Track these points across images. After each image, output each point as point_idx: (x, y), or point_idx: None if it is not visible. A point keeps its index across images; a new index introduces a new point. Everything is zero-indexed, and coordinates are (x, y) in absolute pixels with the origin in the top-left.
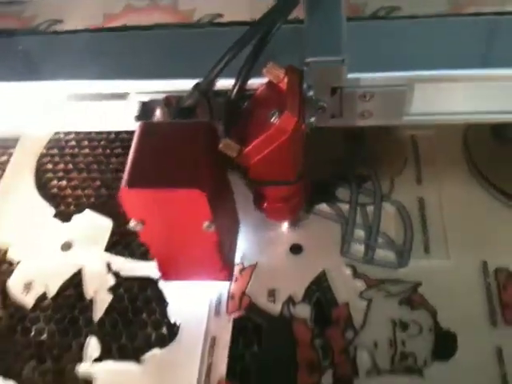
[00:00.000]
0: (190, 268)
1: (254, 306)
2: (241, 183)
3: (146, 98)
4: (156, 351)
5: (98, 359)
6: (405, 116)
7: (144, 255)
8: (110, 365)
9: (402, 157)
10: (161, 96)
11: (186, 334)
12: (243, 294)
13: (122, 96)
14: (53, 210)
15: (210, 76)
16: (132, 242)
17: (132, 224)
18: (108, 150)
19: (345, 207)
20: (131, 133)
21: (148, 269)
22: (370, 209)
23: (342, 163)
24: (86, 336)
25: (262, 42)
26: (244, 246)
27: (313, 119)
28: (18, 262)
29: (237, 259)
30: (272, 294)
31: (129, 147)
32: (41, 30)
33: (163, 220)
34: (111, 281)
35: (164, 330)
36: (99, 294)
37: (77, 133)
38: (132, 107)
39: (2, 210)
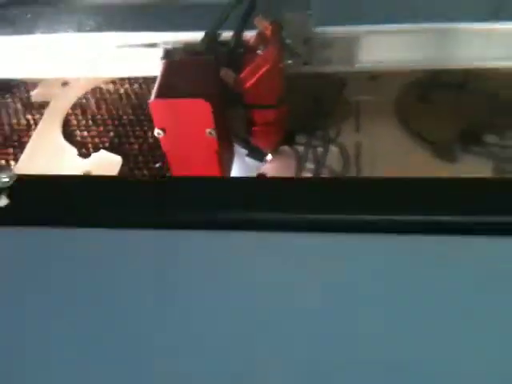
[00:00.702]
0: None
1: None
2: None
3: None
4: None
5: None
6: (357, 64)
7: None
8: None
9: (348, 114)
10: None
11: None
12: None
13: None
14: (76, 151)
15: (215, 27)
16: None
17: (156, 132)
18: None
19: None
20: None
21: None
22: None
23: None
24: None
25: (252, 2)
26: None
27: (290, 61)
28: None
29: None
30: None
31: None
32: None
33: (178, 128)
34: None
35: None
36: None
37: (97, 97)
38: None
39: (37, 149)
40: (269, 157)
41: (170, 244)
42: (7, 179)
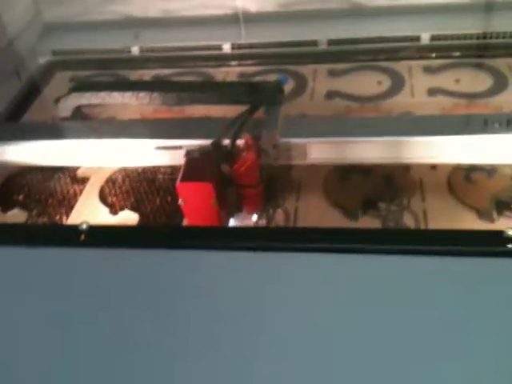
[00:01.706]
0: None
1: None
2: None
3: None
4: None
5: None
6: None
7: None
8: None
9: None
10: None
11: None
12: None
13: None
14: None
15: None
16: None
17: (180, 201)
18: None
19: None
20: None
21: None
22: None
23: None
24: None
25: (244, 120)
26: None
27: (265, 159)
28: None
29: None
30: None
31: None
32: None
33: (194, 199)
34: None
35: None
36: None
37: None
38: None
39: (82, 209)
40: (253, 217)
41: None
42: (85, 226)
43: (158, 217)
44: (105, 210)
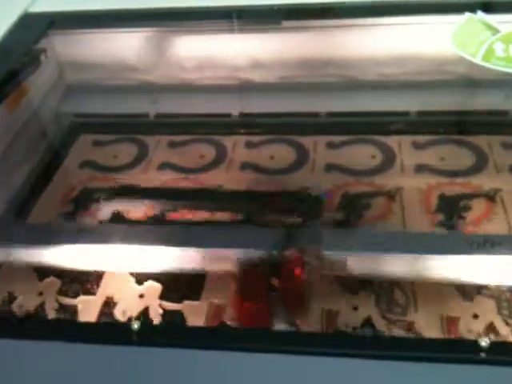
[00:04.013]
0: None
1: None
2: None
3: None
4: None
5: None
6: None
7: None
8: None
9: None
10: None
11: None
12: None
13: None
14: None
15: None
16: None
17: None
18: None
19: None
20: None
21: None
22: None
23: None
24: None
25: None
26: None
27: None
28: None
29: None
30: None
31: None
32: None
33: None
34: None
35: None
36: None
37: None
38: None
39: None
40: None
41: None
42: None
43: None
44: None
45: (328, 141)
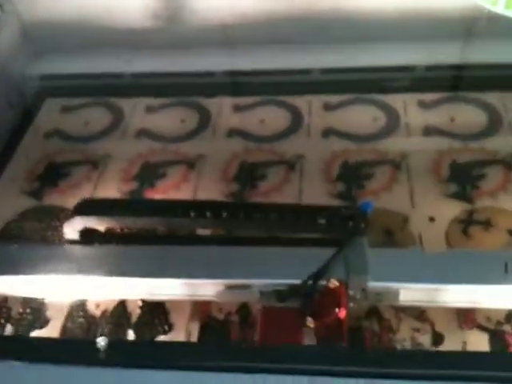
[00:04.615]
0: None
1: None
2: None
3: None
4: None
5: None
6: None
7: None
8: None
9: None
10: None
11: None
12: None
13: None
14: None
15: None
16: None
17: None
18: None
19: None
20: None
21: None
22: None
23: None
24: None
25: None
26: None
27: (351, 305)
28: None
29: None
30: None
31: None
32: None
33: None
34: None
35: None
36: None
37: None
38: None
39: None
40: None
41: None
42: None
43: None
44: None
45: (324, 102)
